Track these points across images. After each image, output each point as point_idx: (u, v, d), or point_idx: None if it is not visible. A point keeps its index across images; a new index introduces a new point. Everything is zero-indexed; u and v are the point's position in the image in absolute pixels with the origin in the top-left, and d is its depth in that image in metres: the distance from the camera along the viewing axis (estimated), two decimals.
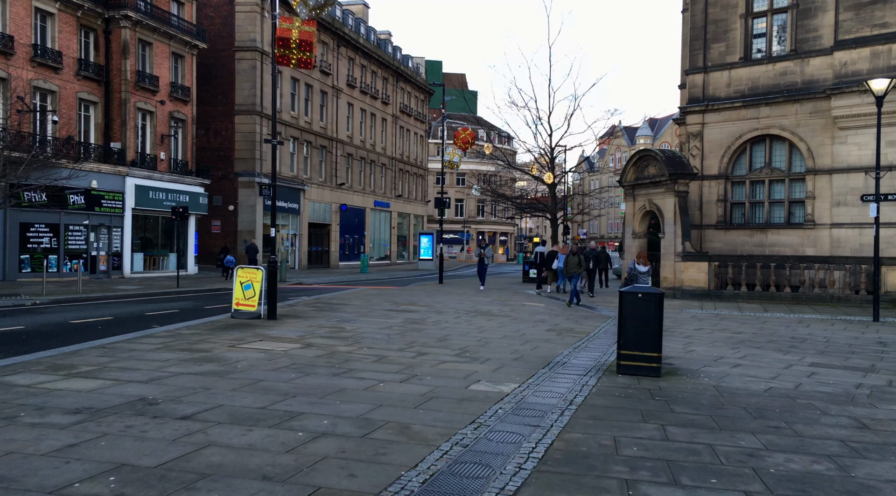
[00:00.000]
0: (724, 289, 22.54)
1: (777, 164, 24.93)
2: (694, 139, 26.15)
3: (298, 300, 18.83)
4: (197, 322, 12.91)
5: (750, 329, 15.38)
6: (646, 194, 24.84)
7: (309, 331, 12.05)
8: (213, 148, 39.32)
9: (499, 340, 12.13)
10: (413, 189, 62.58)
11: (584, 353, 10.96)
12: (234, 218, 39.10)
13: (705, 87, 25.95)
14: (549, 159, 35.04)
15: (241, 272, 13.60)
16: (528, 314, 17.35)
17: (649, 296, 8.97)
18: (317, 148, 45.44)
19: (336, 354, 9.76)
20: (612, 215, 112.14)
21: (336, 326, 13.03)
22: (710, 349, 11.99)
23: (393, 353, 10.06)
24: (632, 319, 9.00)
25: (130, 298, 20.68)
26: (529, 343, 11.97)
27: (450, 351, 10.60)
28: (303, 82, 43.40)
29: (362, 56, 51.38)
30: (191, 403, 6.58)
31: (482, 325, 14.33)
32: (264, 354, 9.47)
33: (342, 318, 14.42)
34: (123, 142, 30.08)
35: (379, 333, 12.28)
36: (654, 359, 8.99)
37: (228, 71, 39.03)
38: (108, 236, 29.59)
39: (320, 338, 11.35)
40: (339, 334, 11.93)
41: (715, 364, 10.29)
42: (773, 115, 24.57)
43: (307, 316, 14.66)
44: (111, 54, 30.00)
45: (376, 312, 16.13)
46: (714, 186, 25.83)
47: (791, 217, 24.59)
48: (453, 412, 6.64)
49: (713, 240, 25.79)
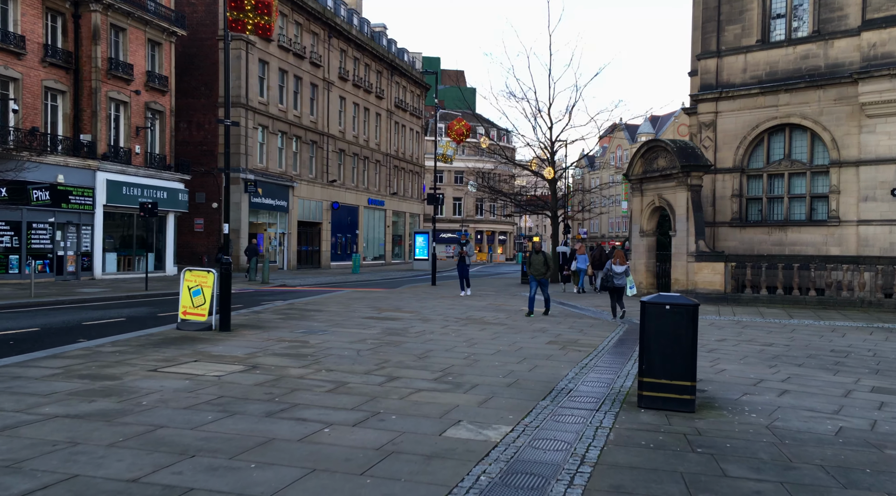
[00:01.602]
0: (741, 293, 20.55)
1: (798, 155, 22.93)
2: (706, 129, 24.15)
3: (268, 306, 16.84)
4: (132, 335, 10.91)
5: (779, 339, 13.41)
6: (655, 189, 22.85)
7: (262, 347, 10.06)
8: (195, 142, 37.33)
9: (490, 357, 10.14)
10: (409, 187, 60.58)
11: (593, 375, 8.98)
12: (219, 216, 37.09)
13: (719, 73, 23.94)
14: (550, 153, 33.03)
15: (189, 275, 11.60)
16: (526, 322, 15.36)
17: (680, 307, 6.98)
18: (307, 143, 43.45)
19: (283, 381, 7.77)
20: (613, 214, 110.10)
21: (299, 339, 11.04)
22: (743, 367, 10.01)
23: (356, 378, 8.07)
24: (657, 337, 7.02)
25: (85, 303, 18.69)
26: (527, 360, 9.98)
27: (429, 373, 8.62)
28: (291, 74, 41.41)
29: (355, 48, 49.38)
30: (30, 474, 4.56)
31: (473, 337, 12.34)
32: (189, 382, 7.48)
33: (310, 329, 12.43)
34: (94, 134, 28.08)
35: (348, 349, 10.29)
36: (687, 389, 7.00)
37: (212, 61, 37.04)
38: (76, 235, 27.59)
39: (273, 356, 9.35)
40: (299, 350, 9.94)
41: (756, 390, 8.31)
42: (793, 103, 22.57)
43: (270, 326, 12.67)
44: (81, 40, 27.99)
45: (353, 320, 14.14)
46: (728, 180, 23.83)
47: (813, 213, 22.59)
48: (417, 481, 4.66)
49: (727, 238, 23.80)
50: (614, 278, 16.03)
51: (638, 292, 23.42)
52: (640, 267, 23.54)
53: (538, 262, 16.46)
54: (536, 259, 16.52)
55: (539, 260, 16.49)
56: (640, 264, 23.51)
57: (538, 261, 16.49)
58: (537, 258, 16.52)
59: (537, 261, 16.49)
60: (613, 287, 16.13)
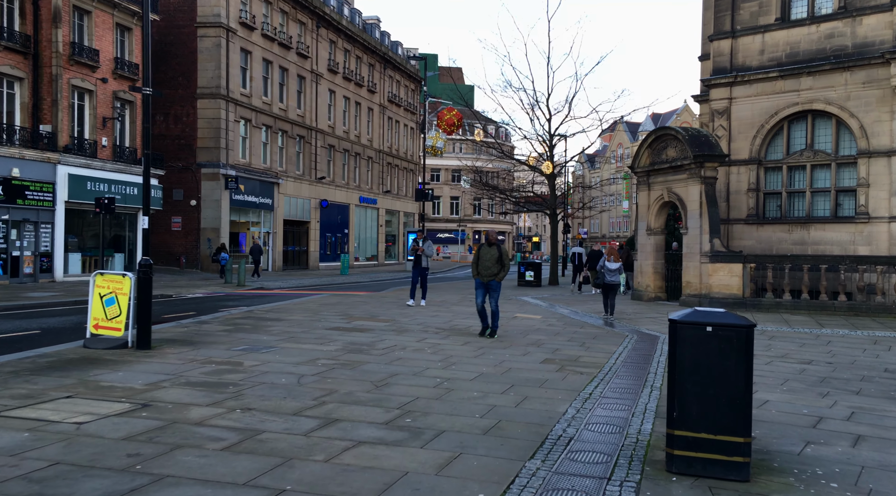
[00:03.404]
0: (762, 297, 18.40)
1: (821, 145, 20.78)
2: (719, 117, 22.01)
3: (223, 314, 14.65)
4: (16, 357, 8.70)
5: (817, 354, 11.30)
6: (664, 182, 20.71)
7: (177, 373, 7.90)
8: (172, 136, 35.17)
9: (469, 384, 8.00)
10: (403, 185, 58.43)
11: (600, 412, 6.84)
12: (197, 214, 34.95)
13: (733, 55, 21.79)
14: (548, 147, 30.91)
15: (101, 280, 9.44)
16: (520, 332, 13.22)
17: (728, 330, 4.84)
18: (293, 138, 41.30)
19: (171, 430, 5.61)
20: (614, 213, 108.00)
21: (232, 360, 8.88)
22: (788, 397, 7.89)
23: (278, 423, 5.93)
24: (695, 373, 4.88)
25: (20, 310, 16.54)
26: (515, 388, 7.85)
27: (382, 412, 6.48)
28: (276, 65, 39.27)
29: (345, 39, 47.23)
30: None
31: (452, 354, 10.20)
32: (27, 436, 5.30)
33: (254, 345, 10.27)
34: (55, 124, 25.95)
35: (288, 374, 8.14)
36: (738, 448, 4.85)
37: (190, 50, 34.88)
38: (34, 234, 25.44)
39: (182, 387, 7.19)
40: (223, 377, 7.78)
41: (820, 436, 6.18)
42: (816, 87, 20.42)
43: (206, 341, 10.51)
44: (40, 22, 25.84)
45: (313, 333, 11.99)
46: (744, 173, 21.68)
47: (839, 209, 20.44)
48: None
49: (742, 237, 21.65)
50: (607, 275, 15.82)
51: (645, 296, 21.30)
52: (646, 268, 21.40)
53: (489, 259, 12.40)
54: (488, 254, 12.46)
55: (491, 255, 12.43)
56: (647, 265, 21.36)
57: (490, 257, 12.42)
58: (489, 253, 12.47)
59: (489, 256, 12.43)
60: (606, 284, 15.92)
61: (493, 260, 12.44)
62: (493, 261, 12.43)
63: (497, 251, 12.51)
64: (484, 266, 12.48)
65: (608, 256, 16.29)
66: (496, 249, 12.56)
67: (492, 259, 12.45)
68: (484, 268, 12.47)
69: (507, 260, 12.47)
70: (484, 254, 12.57)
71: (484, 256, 12.55)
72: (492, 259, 12.45)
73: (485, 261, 12.50)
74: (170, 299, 20.36)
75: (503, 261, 12.42)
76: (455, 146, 79.54)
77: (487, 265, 12.44)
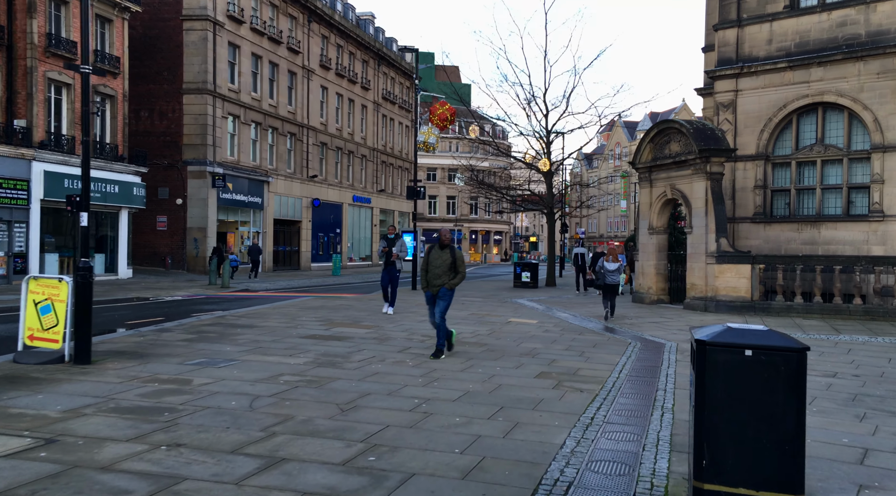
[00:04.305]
0: (771, 300, 17.32)
1: (832, 139, 19.71)
2: (724, 111, 20.92)
3: (192, 320, 13.51)
4: None
5: (841, 366, 10.22)
6: (666, 178, 19.63)
7: (108, 396, 6.76)
8: (157, 132, 34.03)
9: (451, 406, 6.90)
10: (397, 183, 57.31)
11: (604, 444, 5.75)
12: (183, 213, 33.81)
13: (739, 45, 20.71)
14: (545, 144, 29.82)
15: (35, 285, 8.32)
16: (513, 339, 12.12)
17: (772, 354, 3.74)
18: (284, 135, 40.17)
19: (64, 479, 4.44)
20: (612, 213, 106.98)
21: (180, 378, 7.76)
22: (823, 421, 6.82)
23: (206, 467, 4.81)
24: (729, 409, 3.79)
25: None
26: (504, 412, 6.75)
27: (341, 447, 5.38)
28: (266, 60, 38.14)
29: (338, 35, 46.10)
30: None
31: (436, 366, 9.10)
32: None
33: (213, 358, 9.15)
34: (30, 119, 24.80)
35: (242, 395, 7.03)
36: None
37: (175, 43, 33.73)
38: (7, 233, 24.29)
39: (107, 415, 6.05)
40: (161, 401, 6.66)
41: (870, 473, 5.10)
42: (827, 78, 19.35)
43: (159, 353, 9.38)
44: (14, 12, 24.69)
45: (285, 341, 10.87)
46: (750, 169, 20.60)
47: (851, 207, 19.37)
48: None
49: (749, 237, 20.57)
50: (607, 276, 15.47)
51: (647, 299, 20.22)
52: (648, 269, 20.31)
53: (440, 266, 9.78)
54: (439, 260, 9.82)
55: (444, 261, 9.80)
56: (649, 266, 20.27)
57: (441, 263, 9.79)
58: (441, 259, 9.82)
59: (439, 262, 9.80)
60: (606, 285, 15.53)
61: (444, 267, 9.74)
62: (445, 268, 9.74)
63: (451, 256, 9.81)
64: (433, 273, 9.77)
65: (607, 256, 15.84)
66: (450, 253, 9.84)
67: (443, 266, 9.74)
68: (433, 276, 9.78)
69: (462, 267, 9.88)
70: (434, 259, 9.84)
71: (434, 262, 9.82)
72: (443, 266, 9.74)
73: (435, 267, 9.78)
74: (145, 303, 19.25)
75: (458, 269, 9.82)
76: (451, 145, 78.46)
77: (437, 273, 9.75)
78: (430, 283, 9.83)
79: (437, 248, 9.94)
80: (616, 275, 15.65)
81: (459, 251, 10.12)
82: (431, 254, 9.91)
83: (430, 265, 9.86)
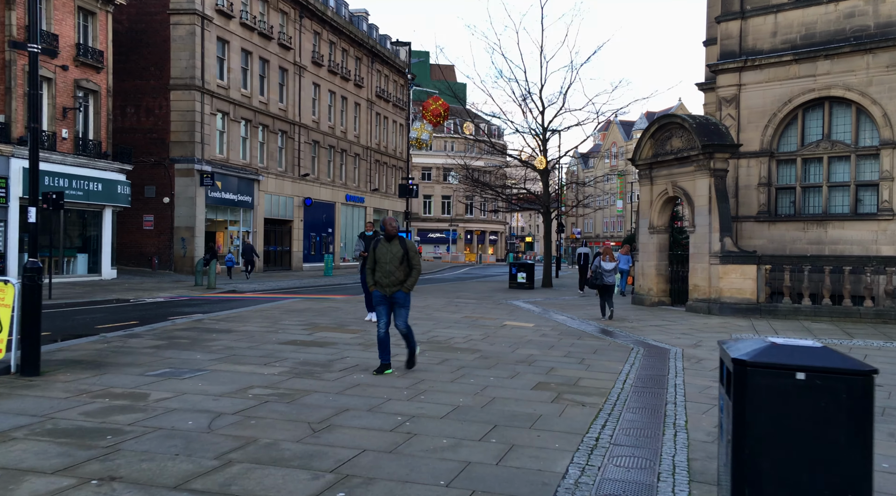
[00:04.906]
0: (778, 303, 16.60)
1: (839, 135, 19.01)
2: (727, 106, 20.21)
3: (164, 324, 12.67)
4: None
5: None
6: (668, 175, 18.90)
7: (48, 415, 5.93)
8: (144, 129, 33.18)
9: (438, 424, 6.14)
10: (391, 183, 56.47)
11: (614, 472, 5.00)
12: (171, 212, 32.96)
13: (743, 38, 20.00)
14: (541, 141, 29.08)
15: None
16: (508, 345, 11.36)
17: (831, 378, 2.99)
18: (275, 132, 39.34)
19: None
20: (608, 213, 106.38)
21: (137, 392, 6.97)
22: None
23: None
24: (776, 447, 3.03)
25: None
26: (498, 431, 5.99)
27: (306, 478, 4.61)
28: (256, 56, 37.30)
29: (331, 31, 45.28)
30: None
31: (424, 377, 8.33)
32: None
33: (179, 368, 8.36)
34: (8, 114, 23.97)
35: (203, 412, 6.24)
36: None
37: (162, 38, 32.89)
38: None
39: (40, 439, 5.23)
40: (108, 420, 5.87)
41: None
42: (834, 71, 18.65)
43: (120, 362, 8.58)
44: None
45: (262, 348, 10.08)
46: (754, 166, 19.89)
47: (859, 205, 18.67)
48: None
49: (753, 236, 19.86)
50: (604, 275, 15.40)
51: (647, 300, 19.49)
52: (648, 270, 19.57)
53: (391, 260, 8.19)
54: (388, 253, 8.23)
55: (393, 255, 8.21)
56: (650, 267, 19.54)
57: (391, 256, 8.20)
58: (390, 252, 8.23)
59: (389, 257, 8.21)
60: (603, 285, 15.43)
61: (395, 261, 8.19)
62: (397, 262, 8.19)
63: (401, 247, 8.24)
64: (384, 271, 8.22)
65: (603, 256, 15.72)
66: (399, 244, 8.25)
67: (394, 260, 8.19)
68: (384, 274, 8.22)
69: (417, 259, 8.37)
70: (382, 253, 8.25)
71: (383, 257, 8.23)
72: (394, 260, 8.19)
73: (384, 263, 8.21)
74: (125, 304, 18.44)
75: (412, 262, 8.28)
76: (446, 144, 77.74)
77: (389, 269, 8.19)
78: (380, 282, 8.27)
79: (383, 240, 8.38)
80: (612, 275, 15.59)
81: (411, 241, 8.68)
82: (378, 248, 8.31)
83: (378, 261, 8.28)
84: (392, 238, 8.33)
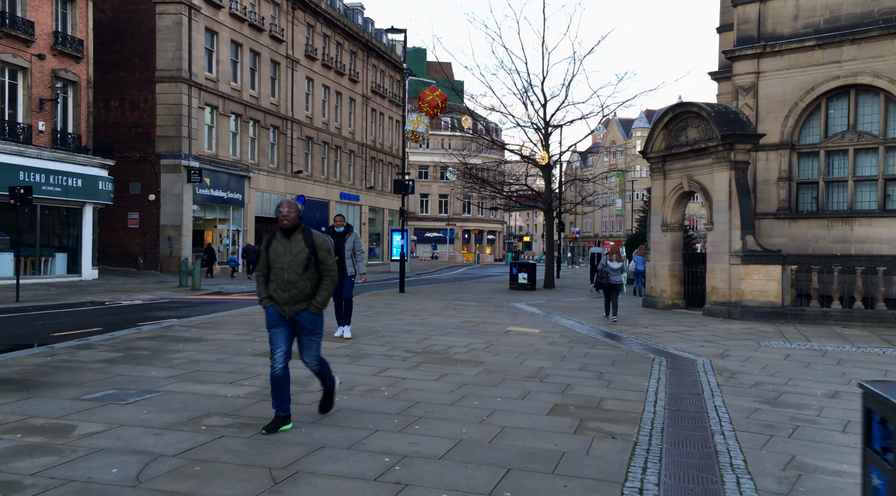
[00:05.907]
0: (805, 306, 15.30)
1: (866, 126, 17.72)
2: (744, 95, 18.91)
3: (128, 331, 11.28)
4: None
5: None
6: (682, 169, 17.60)
7: None
8: (129, 123, 31.78)
9: (435, 470, 4.81)
10: (387, 180, 55.12)
11: None
12: (156, 209, 31.58)
13: (761, 22, 18.70)
14: (543, 135, 27.80)
15: None
16: (515, 355, 10.04)
17: None
18: (266, 128, 37.97)
19: None
20: (606, 212, 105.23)
21: (61, 423, 5.63)
22: None
23: None
24: None
25: None
26: (511, 478, 4.68)
27: None
28: (247, 48, 35.92)
29: (325, 24, 43.93)
30: None
31: (419, 399, 7.00)
32: None
33: (127, 388, 7.02)
34: None
35: (136, 454, 4.91)
36: None
37: (147, 28, 31.48)
38: None
39: None
40: (3, 471, 4.56)
41: None
42: (861, 57, 17.36)
43: (56, 381, 7.23)
44: None
45: (231, 362, 8.75)
46: (773, 160, 18.60)
47: (888, 201, 17.39)
48: None
49: (772, 234, 18.56)
50: (610, 275, 15.09)
51: (660, 303, 18.20)
52: (661, 271, 18.27)
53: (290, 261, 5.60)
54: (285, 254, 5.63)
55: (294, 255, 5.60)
56: (662, 267, 18.23)
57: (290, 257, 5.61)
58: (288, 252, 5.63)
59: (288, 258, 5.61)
60: (609, 284, 15.11)
61: (298, 265, 5.59)
62: (300, 267, 5.59)
63: (305, 245, 5.63)
64: (280, 280, 5.60)
65: (610, 255, 15.37)
66: (303, 241, 5.64)
67: (295, 264, 5.58)
68: (281, 285, 5.61)
69: (331, 261, 5.71)
70: (277, 255, 5.64)
71: (277, 260, 5.63)
72: (295, 264, 5.58)
73: (280, 268, 5.61)
74: (97, 308, 17.08)
75: (325, 266, 5.70)
76: (444, 141, 76.41)
77: (287, 279, 5.59)
78: (275, 298, 5.62)
79: (279, 236, 5.70)
80: (618, 274, 15.27)
81: (321, 234, 5.84)
82: (273, 246, 5.69)
83: (272, 266, 5.65)
84: (292, 232, 5.65)
